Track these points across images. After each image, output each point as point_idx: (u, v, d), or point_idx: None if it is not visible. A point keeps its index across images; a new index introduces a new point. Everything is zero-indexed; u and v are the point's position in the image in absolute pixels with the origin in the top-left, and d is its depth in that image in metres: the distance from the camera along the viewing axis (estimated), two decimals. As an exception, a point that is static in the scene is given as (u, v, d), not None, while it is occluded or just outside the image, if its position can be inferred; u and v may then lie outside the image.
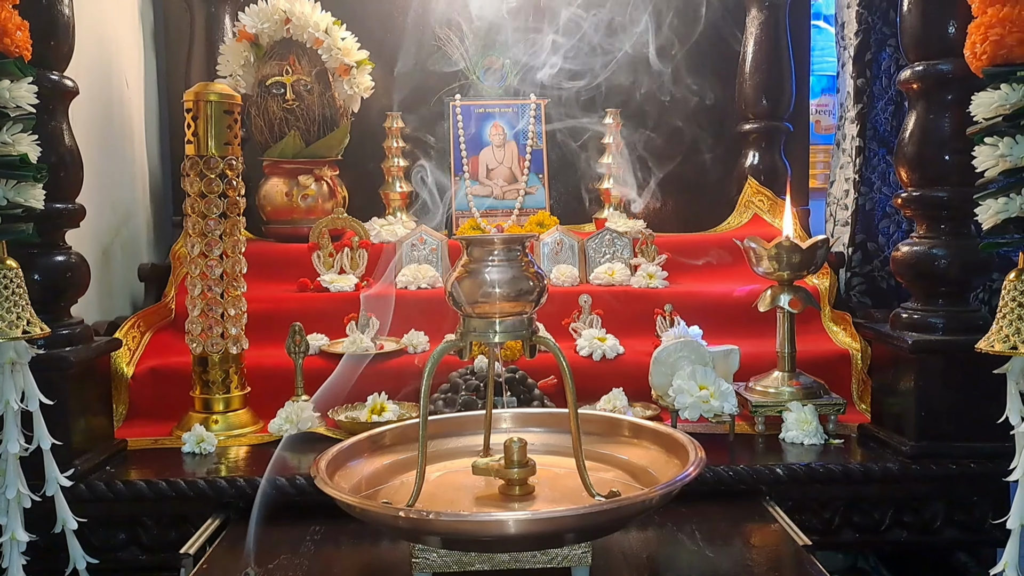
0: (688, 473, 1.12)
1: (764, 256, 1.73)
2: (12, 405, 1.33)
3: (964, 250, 1.56)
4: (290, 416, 1.71)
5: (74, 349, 1.54)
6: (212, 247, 1.72)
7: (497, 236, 1.16)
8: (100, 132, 2.17)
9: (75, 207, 1.61)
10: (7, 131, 1.31)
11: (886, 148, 2.40)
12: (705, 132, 2.58)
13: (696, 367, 1.67)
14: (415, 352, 1.93)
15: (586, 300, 2.04)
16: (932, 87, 1.57)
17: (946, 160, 1.56)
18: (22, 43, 1.33)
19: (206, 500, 1.47)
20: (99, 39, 2.19)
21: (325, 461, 1.19)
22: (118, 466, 1.57)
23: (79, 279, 1.61)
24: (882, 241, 2.42)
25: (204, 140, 1.71)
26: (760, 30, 2.47)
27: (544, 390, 1.79)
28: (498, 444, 1.25)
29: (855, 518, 1.55)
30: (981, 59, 1.29)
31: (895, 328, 1.63)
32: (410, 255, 2.22)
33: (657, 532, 1.35)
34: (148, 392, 1.85)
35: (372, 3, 2.53)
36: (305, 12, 2.29)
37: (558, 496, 1.20)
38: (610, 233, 2.27)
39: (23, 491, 1.34)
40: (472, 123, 2.48)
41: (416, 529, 1.06)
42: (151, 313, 2.03)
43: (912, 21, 1.58)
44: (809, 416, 1.65)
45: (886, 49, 2.39)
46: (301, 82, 2.31)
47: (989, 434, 1.49)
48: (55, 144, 1.54)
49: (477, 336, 1.17)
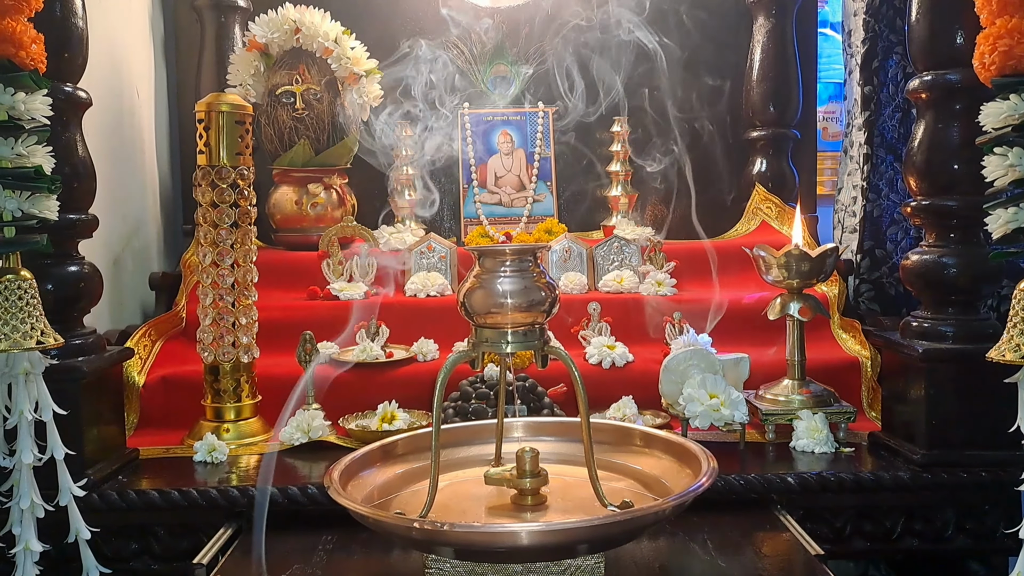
0: (701, 484, 1.12)
1: (773, 264, 1.73)
2: (26, 415, 1.34)
3: (974, 259, 1.56)
4: (301, 425, 1.71)
5: (87, 359, 1.54)
6: (223, 257, 1.73)
7: (508, 247, 1.17)
8: (111, 142, 2.18)
9: (88, 217, 1.62)
10: (22, 143, 1.32)
11: (894, 155, 2.41)
12: (713, 139, 2.58)
13: (706, 375, 1.67)
14: (425, 360, 1.94)
15: (595, 308, 2.04)
16: (941, 97, 1.58)
17: (955, 169, 1.56)
18: (37, 56, 1.34)
19: (218, 509, 1.48)
20: (110, 49, 2.21)
21: (338, 471, 1.20)
22: (130, 475, 1.58)
23: (92, 289, 1.62)
24: (890, 247, 2.42)
25: (216, 150, 1.72)
26: (767, 38, 2.47)
27: (554, 398, 1.79)
28: (510, 453, 1.26)
29: (866, 527, 1.55)
30: (990, 69, 1.29)
31: (905, 336, 1.63)
32: (419, 263, 2.23)
33: (669, 541, 1.35)
34: (159, 400, 1.86)
35: (380, 12, 2.54)
36: (315, 22, 2.31)
37: (570, 506, 1.20)
38: (618, 240, 2.27)
39: (37, 501, 1.35)
40: (480, 131, 2.49)
41: (430, 540, 1.06)
42: (162, 322, 2.04)
43: (920, 31, 1.58)
44: (819, 424, 1.65)
45: (893, 56, 2.39)
46: (311, 91, 2.33)
47: (1000, 443, 1.49)
48: (69, 155, 1.55)
49: (489, 347, 1.18)
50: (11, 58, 1.31)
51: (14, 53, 1.31)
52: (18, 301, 1.31)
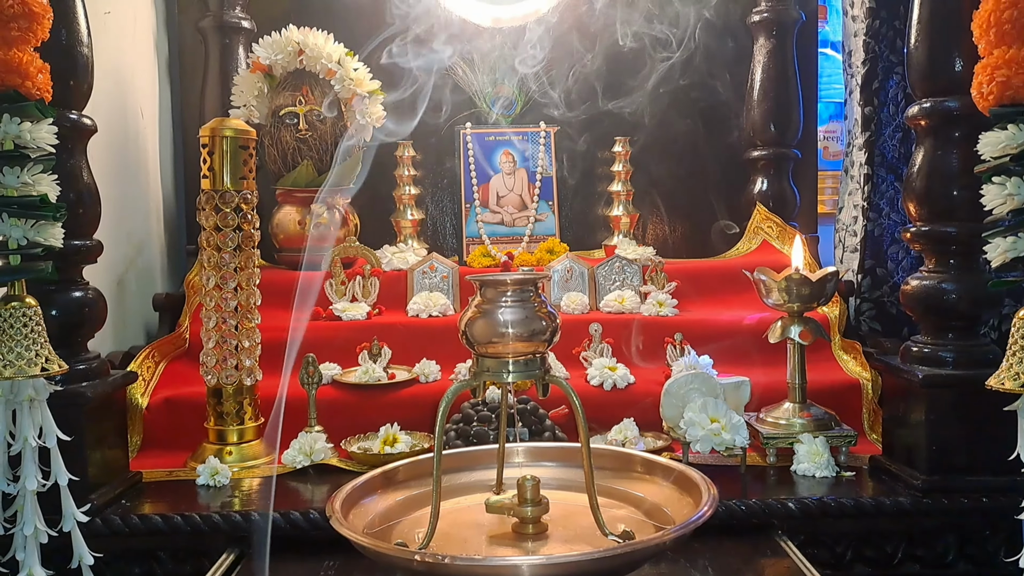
0: (703, 513, 1.12)
1: (774, 288, 1.74)
2: (30, 442, 1.35)
3: (973, 285, 1.57)
4: (303, 447, 1.72)
5: (91, 384, 1.55)
6: (227, 280, 1.74)
7: (510, 277, 1.17)
8: (115, 163, 2.19)
9: (93, 243, 1.63)
10: (28, 172, 1.33)
11: (894, 175, 2.42)
12: (713, 159, 2.60)
13: (707, 399, 1.68)
14: (427, 382, 1.94)
15: (596, 329, 2.05)
16: (939, 124, 1.58)
17: (954, 195, 1.57)
18: (43, 85, 1.36)
19: (221, 534, 1.48)
20: (115, 71, 2.22)
21: (340, 500, 1.20)
22: (133, 499, 1.59)
23: (96, 314, 1.63)
24: (891, 267, 2.43)
25: (219, 174, 1.74)
26: (768, 58, 2.49)
27: (555, 420, 1.80)
28: (511, 479, 1.26)
29: (867, 552, 1.55)
30: (988, 99, 1.30)
31: (905, 362, 1.63)
32: (421, 283, 2.24)
33: (670, 568, 1.35)
34: (162, 422, 1.86)
35: (380, 30, 2.55)
36: (318, 43, 2.32)
37: (571, 535, 1.20)
38: (620, 260, 2.28)
39: (40, 527, 1.35)
40: (482, 151, 2.50)
41: (431, 573, 1.07)
42: (165, 343, 2.05)
43: (919, 57, 1.59)
44: (820, 448, 1.66)
45: (893, 77, 2.40)
46: (314, 112, 2.34)
47: (1001, 468, 1.49)
48: (73, 182, 1.56)
49: (490, 376, 1.18)
50: (17, 88, 1.32)
51: (20, 83, 1.32)
52: (23, 328, 1.32)
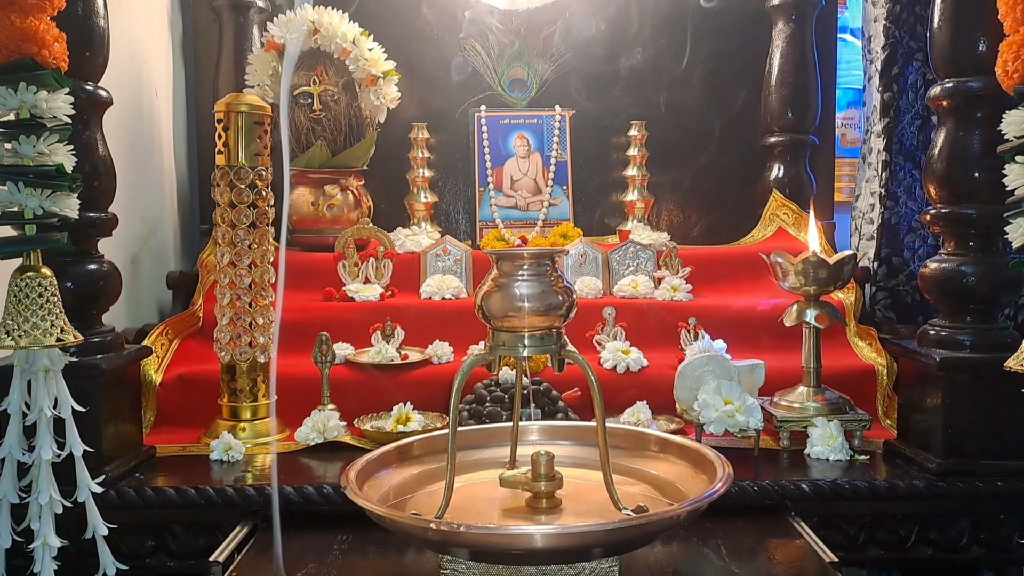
0: (716, 489, 1.12)
1: (791, 271, 1.73)
2: (45, 412, 1.35)
3: (993, 268, 1.55)
4: (316, 425, 1.72)
5: (105, 357, 1.55)
6: (241, 257, 1.74)
7: (527, 251, 1.17)
8: (130, 141, 2.20)
9: (108, 216, 1.63)
10: (43, 141, 1.32)
11: (912, 162, 2.40)
12: (730, 145, 2.58)
13: (721, 381, 1.67)
14: (440, 363, 1.94)
15: (610, 312, 2.04)
16: (962, 104, 1.57)
17: (975, 177, 1.55)
18: (60, 54, 1.35)
19: (234, 507, 1.49)
20: (130, 49, 2.22)
21: (355, 472, 1.20)
22: (147, 473, 1.59)
23: (111, 287, 1.63)
24: (907, 255, 2.41)
25: (234, 151, 1.73)
26: (786, 43, 2.46)
27: (568, 402, 1.79)
28: (525, 456, 1.26)
29: (880, 535, 1.54)
30: (1013, 77, 1.28)
31: (922, 345, 1.62)
32: (434, 265, 2.24)
33: (683, 546, 1.35)
34: (176, 399, 1.87)
35: (399, 14, 2.55)
36: (333, 23, 2.32)
37: (585, 510, 1.20)
38: (634, 245, 2.27)
39: (55, 497, 1.36)
40: (497, 134, 2.50)
41: (446, 541, 1.07)
42: (179, 321, 2.05)
43: (942, 38, 1.57)
44: (835, 432, 1.65)
45: (913, 63, 2.38)
46: (328, 92, 2.34)
47: (1016, 452, 1.49)
48: (89, 154, 1.56)
49: (506, 350, 1.18)
50: (34, 56, 1.31)
51: (37, 51, 1.32)
52: (38, 299, 1.32)
